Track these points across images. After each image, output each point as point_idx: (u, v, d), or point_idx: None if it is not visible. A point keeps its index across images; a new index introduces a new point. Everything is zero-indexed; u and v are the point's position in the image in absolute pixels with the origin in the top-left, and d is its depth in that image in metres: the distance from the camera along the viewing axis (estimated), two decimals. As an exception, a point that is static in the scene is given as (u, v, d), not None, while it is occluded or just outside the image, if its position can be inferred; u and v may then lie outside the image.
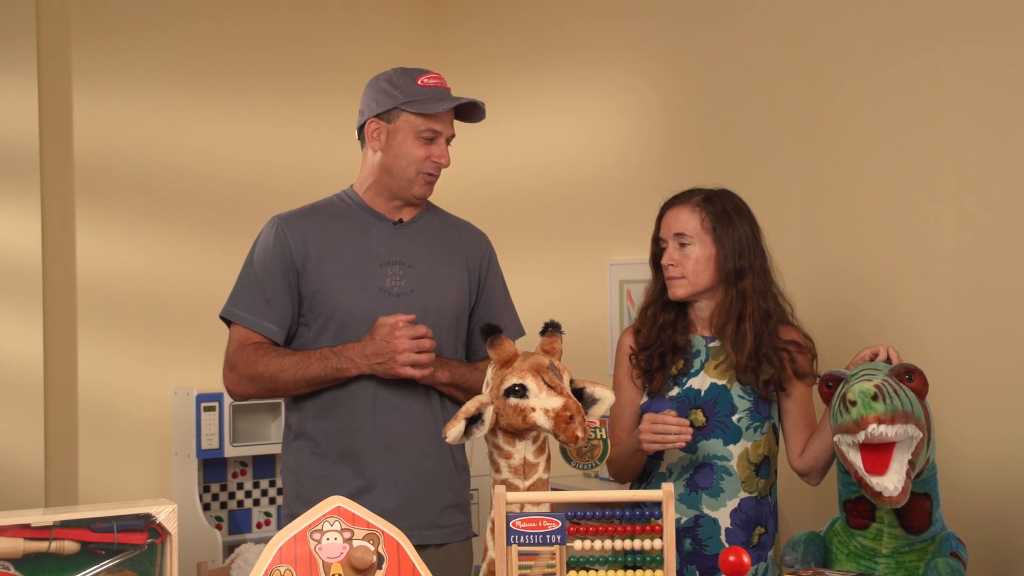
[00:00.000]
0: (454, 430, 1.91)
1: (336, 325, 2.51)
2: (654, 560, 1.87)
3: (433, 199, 2.70)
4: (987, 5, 2.94)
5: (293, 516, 2.43)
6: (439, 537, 2.51)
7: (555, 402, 1.88)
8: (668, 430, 2.35)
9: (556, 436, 1.89)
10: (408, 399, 2.50)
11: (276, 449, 4.27)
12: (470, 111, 2.60)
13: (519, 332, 2.72)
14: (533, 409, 1.89)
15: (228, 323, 2.59)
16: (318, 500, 2.23)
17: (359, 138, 2.63)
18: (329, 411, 2.51)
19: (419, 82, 2.55)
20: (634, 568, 1.88)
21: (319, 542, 1.74)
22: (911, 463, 2.09)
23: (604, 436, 2.43)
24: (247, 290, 2.55)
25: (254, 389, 2.53)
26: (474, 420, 1.93)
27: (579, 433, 1.86)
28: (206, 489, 4.27)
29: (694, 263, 2.51)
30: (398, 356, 2.40)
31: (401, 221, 2.59)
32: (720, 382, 2.51)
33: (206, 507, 4.22)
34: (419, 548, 2.40)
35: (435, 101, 2.53)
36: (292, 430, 2.59)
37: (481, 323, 2.06)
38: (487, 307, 2.68)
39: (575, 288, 4.21)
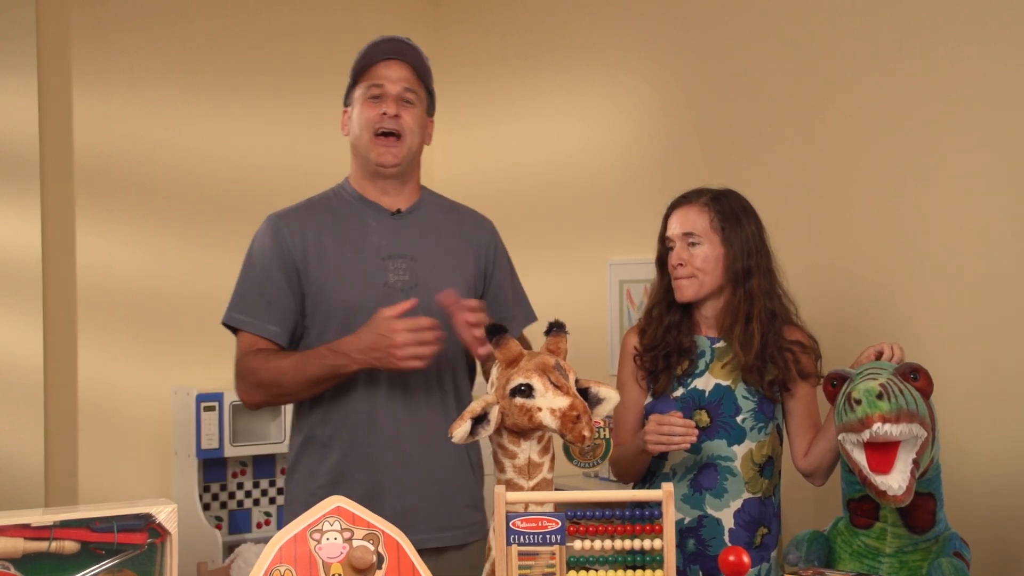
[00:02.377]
0: (460, 430, 1.90)
1: (339, 323, 2.41)
2: (654, 560, 1.87)
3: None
4: (987, 5, 2.94)
5: None
6: (459, 538, 2.44)
7: (562, 402, 1.88)
8: (674, 431, 2.35)
9: (562, 436, 1.88)
10: (420, 396, 2.43)
11: (276, 449, 4.27)
12: (409, 53, 2.49)
13: (530, 318, 2.65)
14: (539, 409, 1.88)
15: (233, 331, 2.50)
16: None
17: None
18: (337, 413, 2.43)
19: (364, 49, 2.49)
20: (634, 568, 1.87)
21: (319, 542, 1.74)
22: (915, 462, 2.09)
23: (606, 435, 2.43)
24: (247, 293, 2.47)
25: (263, 396, 2.44)
26: (480, 420, 1.92)
27: (586, 433, 1.86)
28: (206, 489, 4.27)
29: (703, 262, 2.50)
30: (396, 350, 2.27)
31: (399, 211, 2.51)
32: (724, 383, 2.51)
33: (206, 507, 4.21)
34: (440, 551, 2.37)
35: (364, 56, 2.48)
36: (301, 434, 2.49)
37: (486, 321, 2.04)
38: (496, 296, 2.59)
39: (575, 288, 4.20)
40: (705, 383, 2.52)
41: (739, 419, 2.49)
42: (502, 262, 2.64)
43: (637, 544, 1.87)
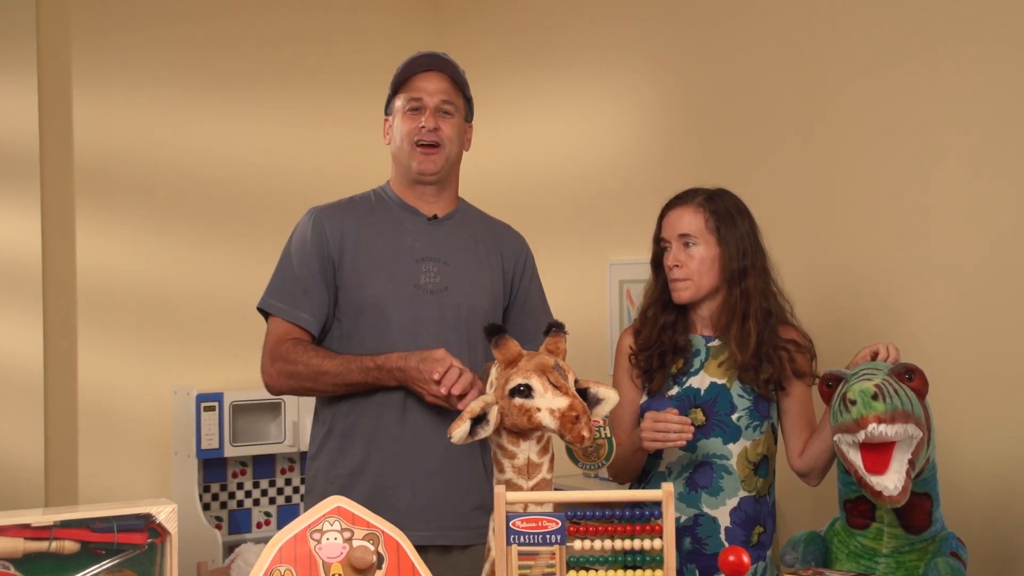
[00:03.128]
0: (459, 431, 1.90)
1: (369, 320, 2.48)
2: (654, 560, 1.87)
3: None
4: (987, 5, 2.94)
5: None
6: (465, 538, 2.47)
7: (561, 402, 1.88)
8: (670, 428, 2.35)
9: (562, 436, 1.89)
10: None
11: (276, 449, 4.27)
12: (447, 67, 2.57)
13: None
14: (538, 409, 1.88)
15: (265, 315, 2.55)
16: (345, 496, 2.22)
17: None
18: (360, 408, 2.48)
19: (405, 62, 2.56)
20: (634, 568, 1.87)
21: (319, 542, 1.74)
22: (911, 463, 2.09)
23: (609, 435, 2.43)
24: (284, 281, 2.53)
25: (290, 386, 2.50)
26: (479, 420, 1.93)
27: (585, 433, 1.86)
28: (206, 489, 4.27)
29: (699, 263, 2.51)
30: (430, 388, 2.34)
31: (436, 217, 2.58)
32: (720, 381, 2.51)
33: (206, 507, 4.22)
34: (446, 550, 2.42)
35: (403, 70, 2.56)
36: (324, 426, 2.54)
37: (487, 323, 2.04)
38: (522, 309, 2.65)
39: (575, 288, 4.21)
40: (700, 382, 2.52)
41: (734, 417, 2.49)
42: (531, 276, 2.70)
43: (637, 544, 1.87)
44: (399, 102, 2.56)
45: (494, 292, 2.59)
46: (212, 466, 4.28)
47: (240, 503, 4.36)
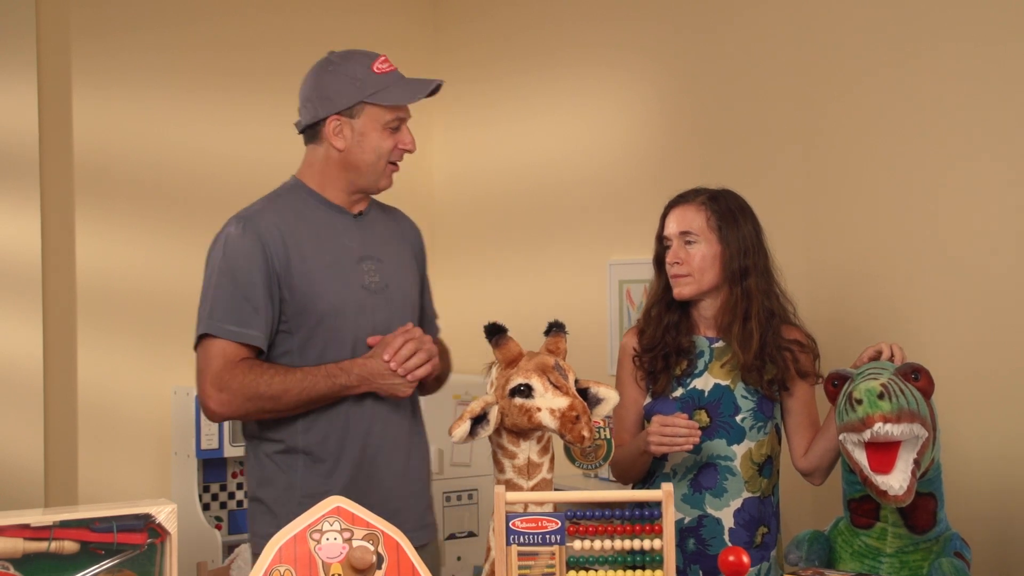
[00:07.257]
0: (460, 430, 1.90)
1: (326, 328, 2.39)
2: (654, 560, 1.87)
3: (433, 197, 2.68)
4: (988, 6, 2.93)
5: None
6: (423, 537, 2.47)
7: (561, 402, 1.88)
8: (677, 432, 2.35)
9: (562, 436, 1.89)
10: (391, 406, 2.44)
11: (276, 449, 4.27)
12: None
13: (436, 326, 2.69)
14: (539, 409, 1.88)
15: (199, 339, 2.38)
16: None
17: (303, 132, 2.50)
18: (320, 422, 2.40)
19: (375, 69, 2.42)
20: (634, 568, 1.87)
21: (319, 542, 1.74)
22: (916, 462, 2.09)
23: (608, 436, 2.43)
24: (228, 300, 2.35)
25: (246, 410, 2.34)
26: (479, 420, 1.93)
27: (585, 433, 1.86)
28: (206, 489, 4.27)
29: (699, 261, 2.51)
30: (392, 377, 2.35)
31: (361, 214, 2.50)
32: (724, 382, 2.51)
33: (206, 507, 4.22)
34: None
35: (401, 89, 2.42)
36: (281, 445, 2.41)
37: (486, 322, 2.03)
38: (426, 297, 2.65)
39: (575, 288, 4.21)
40: (704, 383, 2.52)
41: (738, 419, 2.49)
42: (425, 260, 2.69)
43: (637, 544, 1.87)
44: (379, 115, 2.41)
45: (416, 282, 2.58)
46: (212, 466, 4.28)
47: (240, 503, 4.35)
